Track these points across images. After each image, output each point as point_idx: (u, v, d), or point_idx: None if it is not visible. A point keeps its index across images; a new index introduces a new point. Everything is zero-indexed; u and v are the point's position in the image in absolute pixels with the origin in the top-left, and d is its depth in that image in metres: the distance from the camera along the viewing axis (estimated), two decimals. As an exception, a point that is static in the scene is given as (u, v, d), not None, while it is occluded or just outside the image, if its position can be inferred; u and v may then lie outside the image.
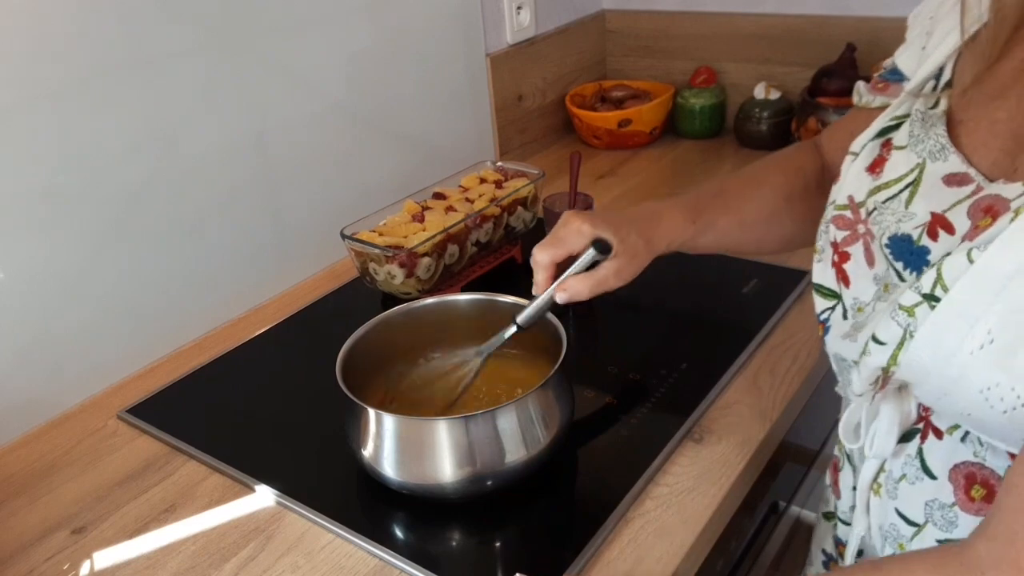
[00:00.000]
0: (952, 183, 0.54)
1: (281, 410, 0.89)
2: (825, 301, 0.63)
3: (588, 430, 0.81)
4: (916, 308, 0.51)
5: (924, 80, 0.60)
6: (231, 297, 1.08)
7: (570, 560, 0.66)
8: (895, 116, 0.61)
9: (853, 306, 0.60)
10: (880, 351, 0.54)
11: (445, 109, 1.34)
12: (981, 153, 0.53)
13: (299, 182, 1.12)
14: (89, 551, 0.74)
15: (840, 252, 0.60)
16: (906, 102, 0.61)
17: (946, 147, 0.55)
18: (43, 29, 0.82)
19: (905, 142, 0.58)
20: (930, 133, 0.57)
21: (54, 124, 0.85)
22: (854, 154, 0.62)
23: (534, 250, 0.74)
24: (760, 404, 0.83)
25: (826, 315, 0.63)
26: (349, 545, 0.72)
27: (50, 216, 0.87)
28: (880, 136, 0.61)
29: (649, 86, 1.56)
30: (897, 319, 0.52)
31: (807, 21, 1.41)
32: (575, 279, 0.72)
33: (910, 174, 0.57)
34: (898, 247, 0.55)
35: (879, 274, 0.57)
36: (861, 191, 0.60)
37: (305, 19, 1.07)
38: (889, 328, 0.53)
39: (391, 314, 0.83)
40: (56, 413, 0.92)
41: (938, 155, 0.55)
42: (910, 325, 0.51)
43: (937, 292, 0.50)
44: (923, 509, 0.58)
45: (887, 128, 0.61)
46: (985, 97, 0.54)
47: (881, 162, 0.59)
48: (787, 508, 1.07)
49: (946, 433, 0.56)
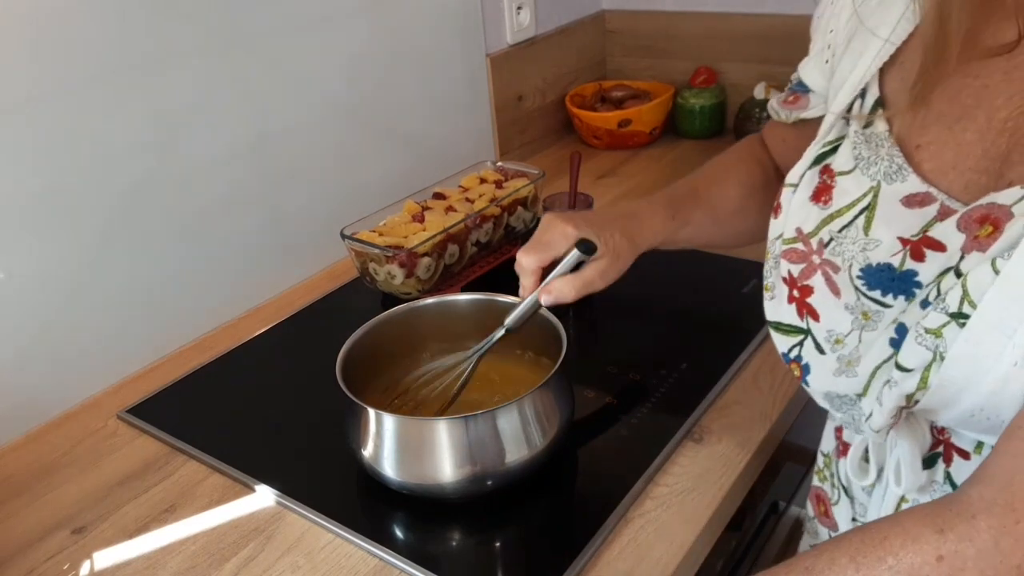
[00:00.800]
0: (913, 204, 0.53)
1: (281, 410, 0.89)
2: (788, 339, 0.61)
3: (588, 430, 0.81)
4: (944, 329, 0.49)
5: (849, 101, 0.59)
6: (231, 297, 1.08)
7: (570, 560, 0.66)
8: (828, 141, 0.59)
9: (828, 339, 0.57)
10: (907, 378, 0.52)
11: (445, 109, 1.34)
12: (951, 176, 0.52)
13: (299, 182, 1.12)
14: (89, 551, 0.74)
15: (800, 287, 0.59)
16: (836, 125, 0.59)
17: (903, 167, 0.54)
18: (43, 29, 0.82)
19: (850, 165, 0.57)
20: (881, 154, 0.55)
21: (54, 124, 0.85)
22: (793, 186, 0.60)
23: (519, 255, 0.74)
24: (760, 404, 0.83)
25: (795, 352, 0.61)
26: (349, 545, 0.72)
27: (50, 216, 0.87)
28: (816, 163, 0.59)
29: (649, 86, 1.56)
30: (925, 343, 0.50)
31: (807, 21, 1.39)
32: (560, 281, 0.72)
33: (863, 198, 0.55)
34: (875, 276, 0.54)
35: (850, 304, 0.56)
36: (809, 222, 0.58)
37: (305, 19, 1.07)
38: (916, 353, 0.51)
39: (391, 314, 0.83)
40: (56, 413, 0.92)
41: (895, 176, 0.54)
42: (939, 346, 0.49)
43: (965, 309, 0.48)
44: None
45: (823, 154, 0.59)
46: (947, 120, 0.53)
47: (826, 189, 0.58)
48: (787, 508, 1.07)
49: (973, 453, 0.54)
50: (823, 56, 0.64)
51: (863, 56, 0.57)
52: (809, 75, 0.67)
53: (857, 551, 0.46)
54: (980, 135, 0.51)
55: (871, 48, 0.57)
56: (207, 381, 0.96)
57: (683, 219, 0.77)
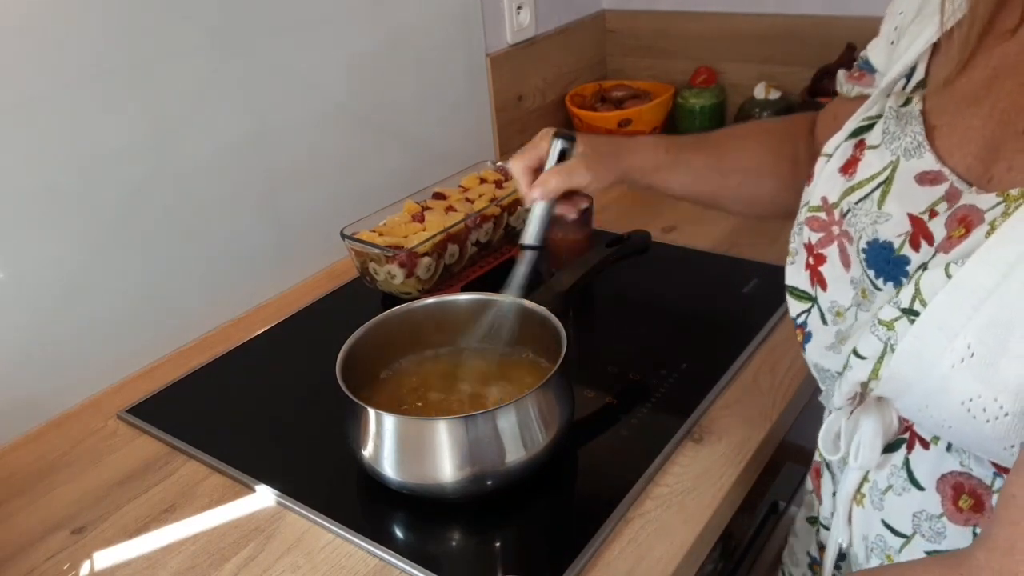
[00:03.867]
0: (925, 182, 0.54)
1: (281, 410, 0.89)
2: (799, 304, 0.63)
3: (588, 430, 0.81)
4: (896, 322, 0.51)
5: (895, 79, 0.60)
6: (231, 297, 1.08)
7: (570, 560, 0.66)
8: (867, 116, 0.60)
9: (831, 310, 0.59)
10: (861, 365, 0.54)
11: (445, 109, 1.34)
12: (956, 157, 0.53)
13: (299, 182, 1.12)
14: (89, 551, 0.74)
15: (815, 254, 0.60)
16: (878, 102, 0.60)
17: (922, 144, 0.55)
18: (43, 29, 0.82)
19: (879, 140, 0.58)
20: (906, 131, 0.56)
21: (54, 125, 0.85)
22: (827, 155, 0.61)
23: (509, 162, 0.75)
24: (760, 404, 0.83)
25: (803, 319, 0.62)
26: (349, 545, 0.72)
27: (50, 216, 0.87)
28: (853, 136, 0.61)
29: (649, 86, 1.56)
30: (877, 334, 0.52)
31: (807, 21, 1.41)
32: (548, 173, 0.73)
33: (883, 172, 0.57)
34: (875, 255, 0.55)
35: (855, 277, 0.57)
36: (834, 192, 0.60)
37: (305, 19, 1.07)
38: (870, 343, 0.53)
39: (391, 314, 0.83)
40: (56, 413, 0.92)
41: (913, 152, 0.55)
42: (891, 339, 0.51)
43: (916, 307, 0.50)
44: (911, 520, 0.57)
45: (860, 128, 0.60)
46: (960, 103, 0.54)
47: (855, 162, 0.59)
48: (787, 508, 1.07)
49: (932, 443, 0.55)
50: (890, 38, 0.64)
51: (919, 37, 0.59)
52: (876, 56, 0.67)
53: None
54: (983, 122, 0.52)
55: (928, 30, 0.58)
56: (207, 381, 0.96)
57: (677, 156, 0.76)
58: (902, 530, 0.58)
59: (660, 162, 0.76)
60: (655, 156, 0.76)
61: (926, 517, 0.56)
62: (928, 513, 0.56)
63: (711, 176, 0.77)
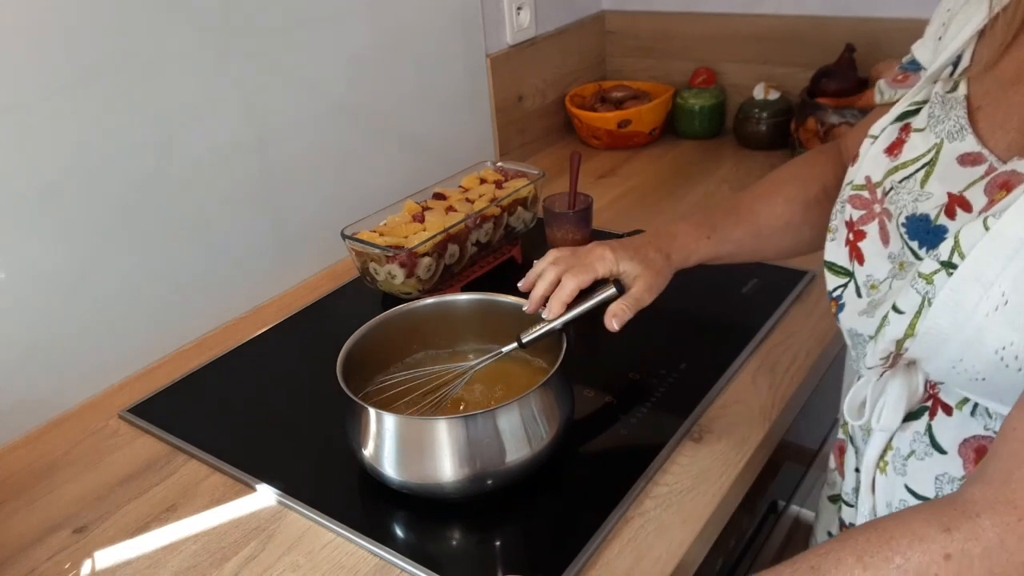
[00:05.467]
0: (967, 163, 0.56)
1: (282, 410, 0.89)
2: (837, 279, 0.64)
3: (588, 430, 0.82)
4: (934, 276, 0.52)
5: (943, 66, 0.62)
6: (232, 297, 1.08)
7: (570, 559, 0.67)
8: (914, 101, 0.62)
9: (866, 283, 0.61)
10: (899, 320, 0.55)
11: (445, 109, 1.34)
12: (998, 136, 0.55)
13: (299, 182, 1.12)
14: (90, 550, 0.74)
15: (856, 231, 0.62)
16: (925, 88, 0.62)
17: (964, 127, 0.57)
18: (43, 29, 0.82)
19: (924, 124, 0.60)
20: (950, 115, 0.58)
21: (54, 125, 0.85)
22: (873, 137, 0.63)
23: (564, 278, 0.76)
24: (760, 404, 0.83)
25: (838, 292, 0.64)
26: (350, 544, 0.72)
27: (51, 216, 0.87)
28: (900, 120, 0.62)
29: (649, 87, 1.57)
30: (916, 287, 0.54)
31: (806, 22, 1.41)
32: (617, 305, 0.76)
33: (927, 154, 0.58)
34: (915, 226, 0.57)
35: (894, 253, 0.59)
36: (878, 172, 0.61)
37: (305, 19, 1.08)
38: (909, 296, 0.54)
39: (391, 314, 0.83)
40: (57, 413, 0.92)
41: (956, 135, 0.57)
42: (928, 292, 0.53)
43: (955, 259, 0.51)
44: (933, 484, 0.59)
45: (907, 112, 0.62)
46: (1003, 83, 0.56)
47: (900, 144, 0.61)
48: (787, 507, 1.07)
49: (955, 408, 0.57)
50: (937, 34, 0.66)
51: (968, 24, 0.60)
52: (923, 54, 0.68)
53: (863, 551, 0.47)
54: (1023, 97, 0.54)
55: (976, 17, 0.60)
56: (208, 381, 0.96)
57: (721, 237, 0.79)
58: (925, 493, 0.59)
59: (703, 247, 0.80)
60: (697, 243, 0.79)
61: (948, 480, 0.57)
62: (951, 476, 0.57)
63: (751, 242, 0.80)
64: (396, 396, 0.79)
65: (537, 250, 1.15)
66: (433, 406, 0.78)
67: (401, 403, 0.78)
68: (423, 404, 0.78)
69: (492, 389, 0.82)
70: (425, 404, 0.78)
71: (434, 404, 0.78)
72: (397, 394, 0.80)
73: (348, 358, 0.76)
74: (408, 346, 0.86)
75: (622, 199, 1.32)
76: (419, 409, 0.78)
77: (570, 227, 1.07)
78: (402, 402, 0.79)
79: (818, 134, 1.30)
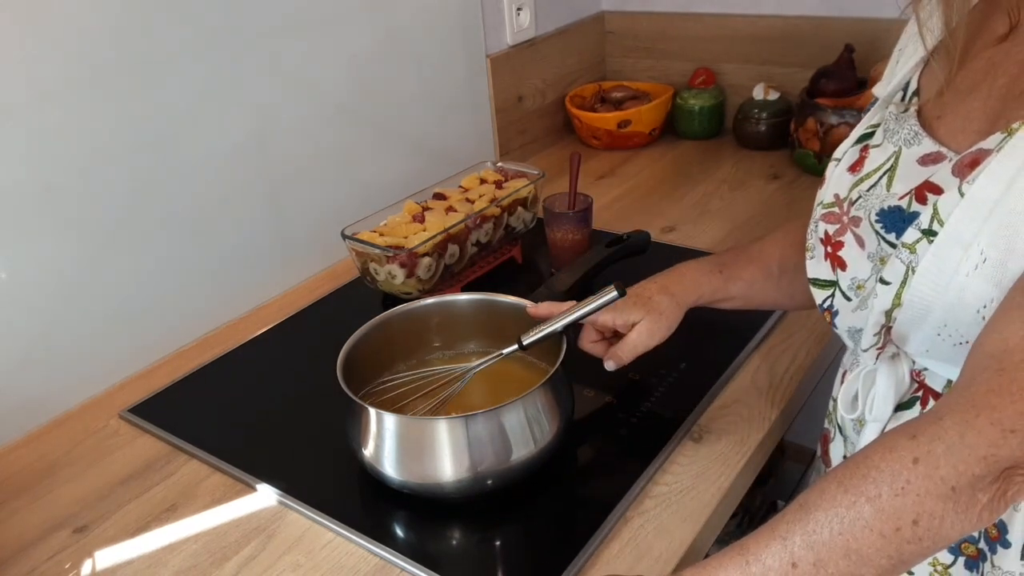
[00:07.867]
0: (927, 162, 0.60)
1: (282, 410, 0.89)
2: (823, 292, 0.67)
3: (588, 430, 0.82)
4: (917, 244, 0.56)
5: (893, 92, 0.67)
6: (232, 297, 1.08)
7: (570, 559, 0.67)
8: (870, 124, 0.67)
9: (851, 286, 0.64)
10: (886, 291, 0.58)
11: (445, 110, 1.34)
12: (959, 139, 0.59)
13: (300, 182, 1.13)
14: (91, 550, 0.74)
15: (833, 243, 0.65)
16: (879, 112, 0.67)
17: (919, 133, 0.61)
18: (44, 29, 0.82)
19: (881, 140, 0.65)
20: (903, 126, 0.63)
21: (55, 124, 0.85)
22: (836, 160, 0.68)
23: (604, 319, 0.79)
24: (759, 404, 0.84)
25: (827, 303, 0.67)
26: (350, 544, 0.72)
27: (51, 216, 0.87)
28: (859, 142, 0.67)
29: (648, 87, 1.57)
30: (901, 257, 0.57)
31: (805, 22, 1.41)
32: (614, 350, 0.79)
33: (887, 162, 0.62)
34: (889, 219, 0.60)
35: (872, 252, 0.62)
36: (844, 188, 0.65)
37: (305, 20, 1.08)
38: (894, 267, 0.57)
39: (391, 314, 0.83)
40: (57, 413, 0.92)
41: (912, 141, 0.61)
42: (912, 262, 0.56)
43: (934, 227, 0.55)
44: None
45: (864, 135, 0.67)
46: (960, 93, 0.60)
47: (861, 161, 0.65)
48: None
49: (943, 394, 0.60)
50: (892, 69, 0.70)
51: (913, 57, 0.66)
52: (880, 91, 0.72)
53: (844, 476, 0.49)
54: (983, 102, 0.58)
55: (919, 52, 0.65)
56: (208, 381, 0.96)
57: (731, 274, 0.81)
58: None
59: (715, 287, 0.81)
60: (710, 283, 0.81)
61: None
62: None
63: (762, 284, 0.81)
64: (396, 396, 0.80)
65: (537, 250, 1.16)
66: (433, 406, 0.78)
67: (401, 403, 0.79)
68: (423, 404, 0.78)
69: (492, 389, 0.82)
70: (425, 404, 0.78)
71: (434, 404, 0.78)
72: (397, 395, 0.80)
73: (348, 358, 0.76)
74: (408, 346, 0.86)
75: (622, 199, 1.33)
76: (419, 409, 0.78)
77: (570, 227, 1.07)
78: (403, 403, 0.79)
79: (817, 134, 1.30)
